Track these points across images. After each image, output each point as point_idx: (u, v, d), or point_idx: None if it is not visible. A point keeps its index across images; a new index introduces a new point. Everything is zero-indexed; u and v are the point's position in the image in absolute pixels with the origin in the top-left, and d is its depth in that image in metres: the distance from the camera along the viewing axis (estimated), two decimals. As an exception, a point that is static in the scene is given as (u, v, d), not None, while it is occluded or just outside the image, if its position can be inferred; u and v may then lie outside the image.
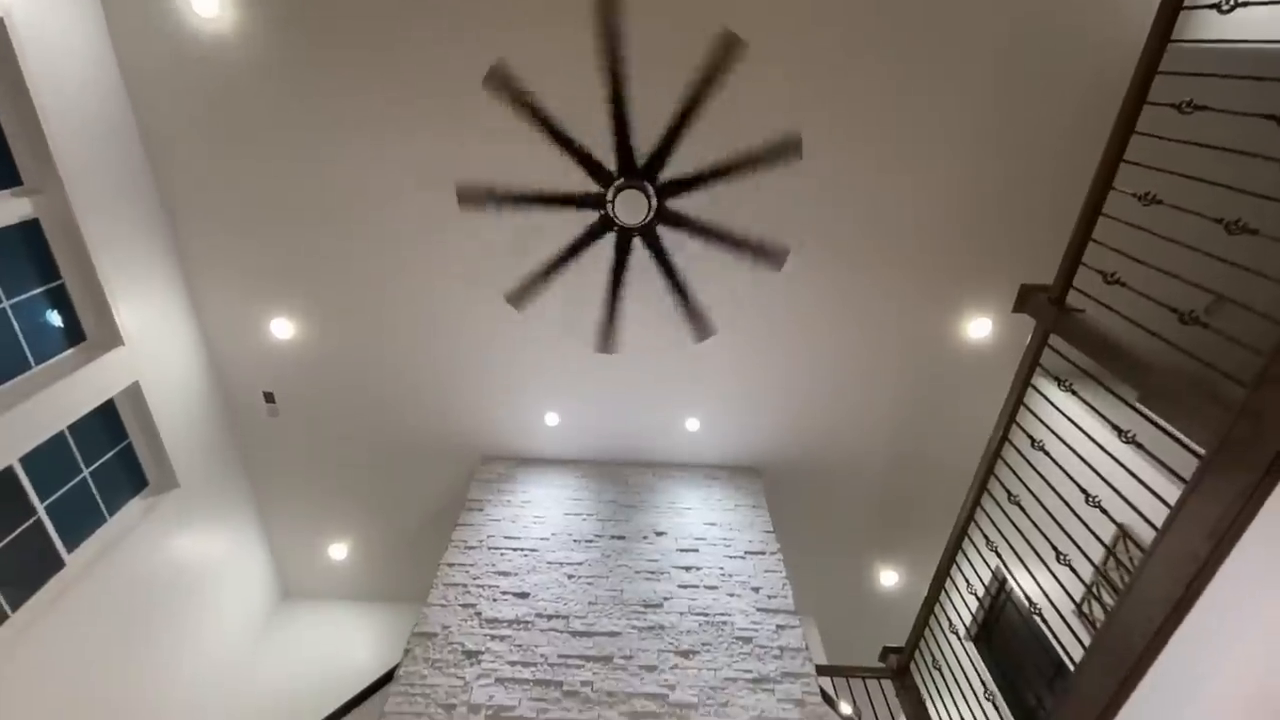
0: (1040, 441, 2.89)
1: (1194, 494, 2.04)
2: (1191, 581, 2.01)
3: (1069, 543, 2.74)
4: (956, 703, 3.52)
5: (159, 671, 4.38)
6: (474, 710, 3.11)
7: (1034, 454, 3.02)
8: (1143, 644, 2.14)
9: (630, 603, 3.76)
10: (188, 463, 4.45)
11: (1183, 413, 2.17)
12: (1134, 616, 2.19)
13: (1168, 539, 2.10)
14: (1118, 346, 2.48)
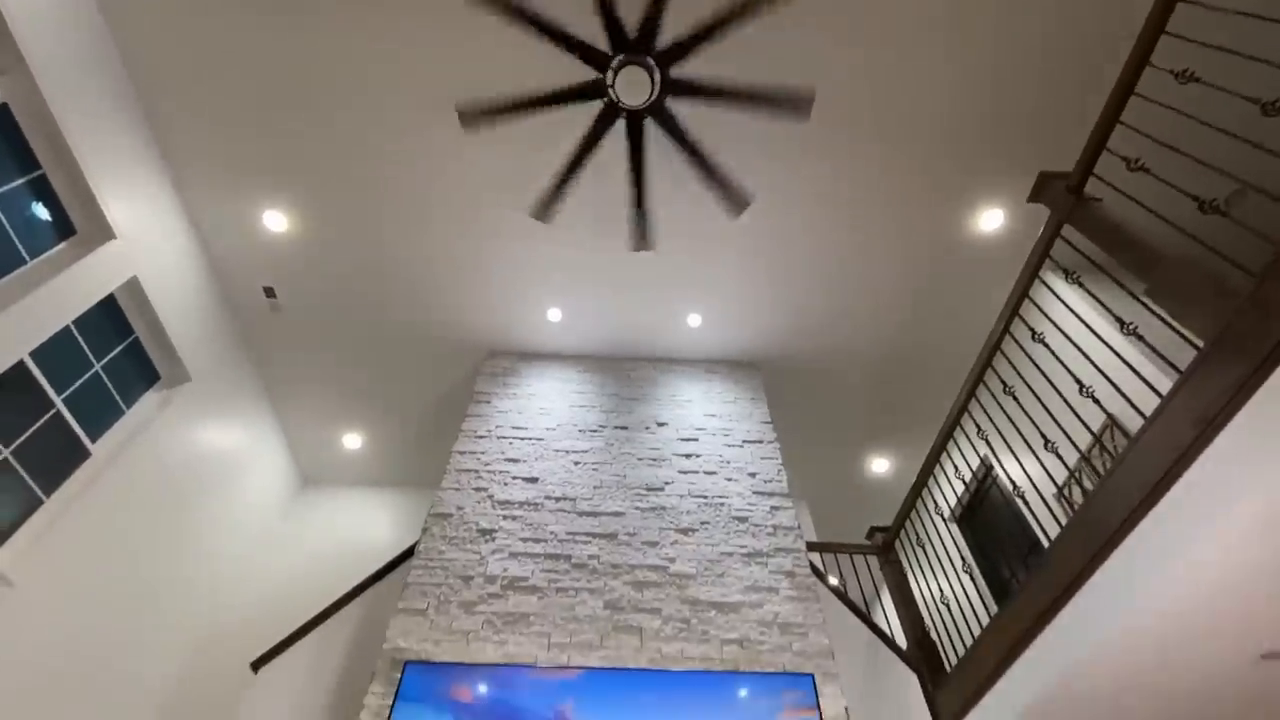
0: (1041, 334, 2.91)
1: (1186, 384, 2.08)
2: (1171, 467, 2.10)
3: (1058, 432, 2.84)
4: (936, 576, 3.81)
5: (191, 553, 4.71)
6: (490, 580, 3.38)
7: (1033, 347, 3.06)
8: (1116, 523, 2.27)
9: (633, 486, 3.96)
10: (197, 357, 4.52)
11: (1188, 304, 2.17)
12: (1112, 498, 2.32)
13: (1154, 426, 2.17)
14: (1131, 237, 2.43)
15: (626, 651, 3.10)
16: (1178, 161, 2.40)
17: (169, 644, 4.47)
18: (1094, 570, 2.39)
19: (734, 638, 3.19)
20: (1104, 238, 2.53)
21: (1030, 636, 2.66)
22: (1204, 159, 2.29)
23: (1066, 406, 2.77)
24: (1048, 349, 2.89)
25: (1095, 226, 2.57)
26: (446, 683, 2.83)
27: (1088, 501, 2.43)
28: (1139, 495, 2.19)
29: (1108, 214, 2.60)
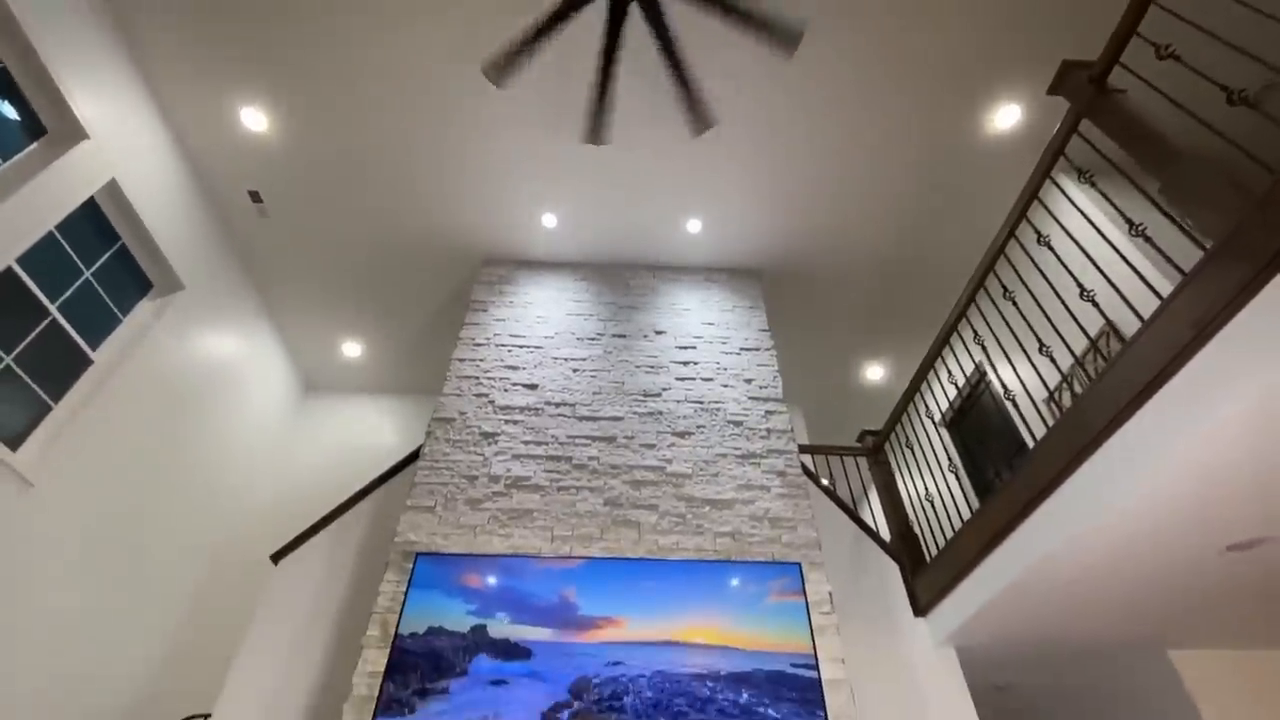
0: (1047, 237, 2.85)
1: (1190, 285, 2.06)
2: (1163, 369, 2.12)
3: (1054, 337, 2.85)
4: (923, 476, 3.96)
5: (202, 456, 4.87)
6: (494, 480, 3.51)
7: (1038, 250, 3.00)
8: (1102, 423, 2.33)
9: (631, 392, 4.03)
10: (187, 265, 4.46)
11: (1201, 202, 2.10)
12: (1100, 400, 2.36)
13: (1152, 328, 2.17)
14: (1151, 131, 2.32)
15: (625, 543, 3.28)
16: (1211, 51, 2.25)
17: (190, 540, 4.72)
18: (1074, 469, 2.47)
19: (726, 531, 3.36)
20: (1122, 133, 2.41)
21: (1008, 530, 2.81)
22: (1240, 45, 2.15)
23: (1065, 311, 2.76)
24: (1052, 252, 2.84)
25: (1115, 120, 2.45)
26: (456, 571, 3.01)
27: (1076, 403, 2.48)
28: (1127, 396, 2.23)
29: (1129, 106, 2.46)
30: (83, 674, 3.81)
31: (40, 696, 3.54)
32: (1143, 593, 2.89)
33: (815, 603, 3.05)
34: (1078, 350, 2.87)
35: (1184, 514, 2.38)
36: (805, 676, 2.74)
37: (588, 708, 2.61)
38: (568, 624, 2.87)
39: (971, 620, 3.08)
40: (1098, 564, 2.67)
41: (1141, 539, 2.51)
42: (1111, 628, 3.22)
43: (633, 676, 2.70)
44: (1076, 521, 2.46)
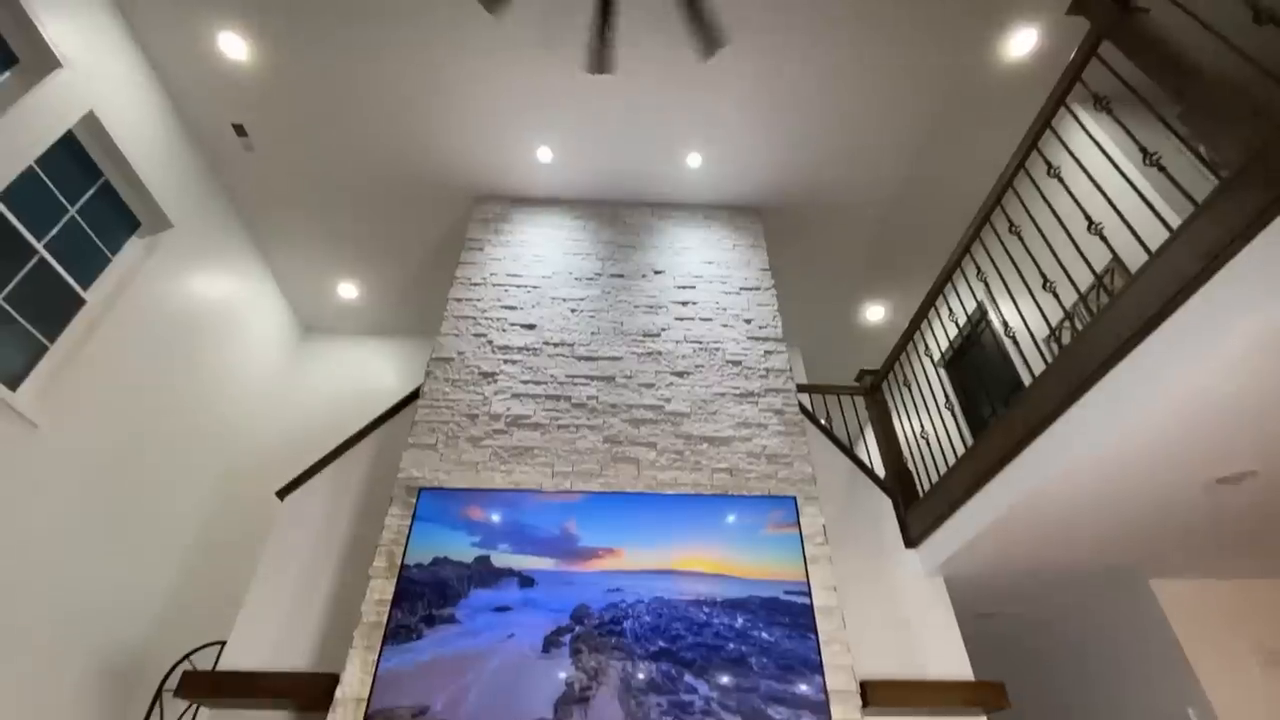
0: (1057, 168, 2.76)
1: (1202, 214, 2.01)
2: (1168, 301, 2.10)
3: (1059, 272, 2.81)
4: (919, 415, 3.99)
5: (203, 396, 4.89)
6: (495, 418, 3.54)
7: (1047, 183, 2.93)
8: (1102, 358, 2.32)
9: (630, 333, 4.01)
10: (174, 202, 4.36)
11: (1221, 128, 2.02)
12: (1101, 333, 2.34)
13: (1160, 260, 2.13)
14: (1173, 53, 2.21)
15: (624, 479, 3.33)
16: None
17: (196, 477, 4.80)
18: (1071, 404, 2.49)
19: (724, 467, 3.41)
20: (1143, 55, 2.30)
21: (1001, 465, 2.85)
22: (1276, -45, 2.02)
23: (1072, 246, 2.71)
24: (1062, 184, 2.76)
25: (1136, 42, 2.33)
26: (458, 505, 3.08)
27: (1077, 338, 2.46)
28: (1129, 330, 2.21)
29: (1151, 27, 2.34)
30: (97, 609, 3.95)
31: (57, 630, 3.68)
32: (1129, 525, 2.97)
33: (809, 534, 3.13)
34: (1083, 286, 2.84)
35: (1176, 448, 2.41)
36: (798, 603, 2.84)
37: (589, 631, 2.72)
38: (569, 554, 2.95)
39: (960, 551, 3.18)
40: (1088, 497, 2.73)
41: (1133, 472, 2.55)
42: (1095, 558, 3.32)
43: (632, 603, 2.80)
44: (1069, 456, 2.49)
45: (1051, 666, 4.25)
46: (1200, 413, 2.23)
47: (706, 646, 2.69)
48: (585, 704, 2.53)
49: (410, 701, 2.52)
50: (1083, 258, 2.70)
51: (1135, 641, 3.63)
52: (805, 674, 2.65)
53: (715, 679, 2.62)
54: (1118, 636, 3.76)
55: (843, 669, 2.76)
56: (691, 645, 2.70)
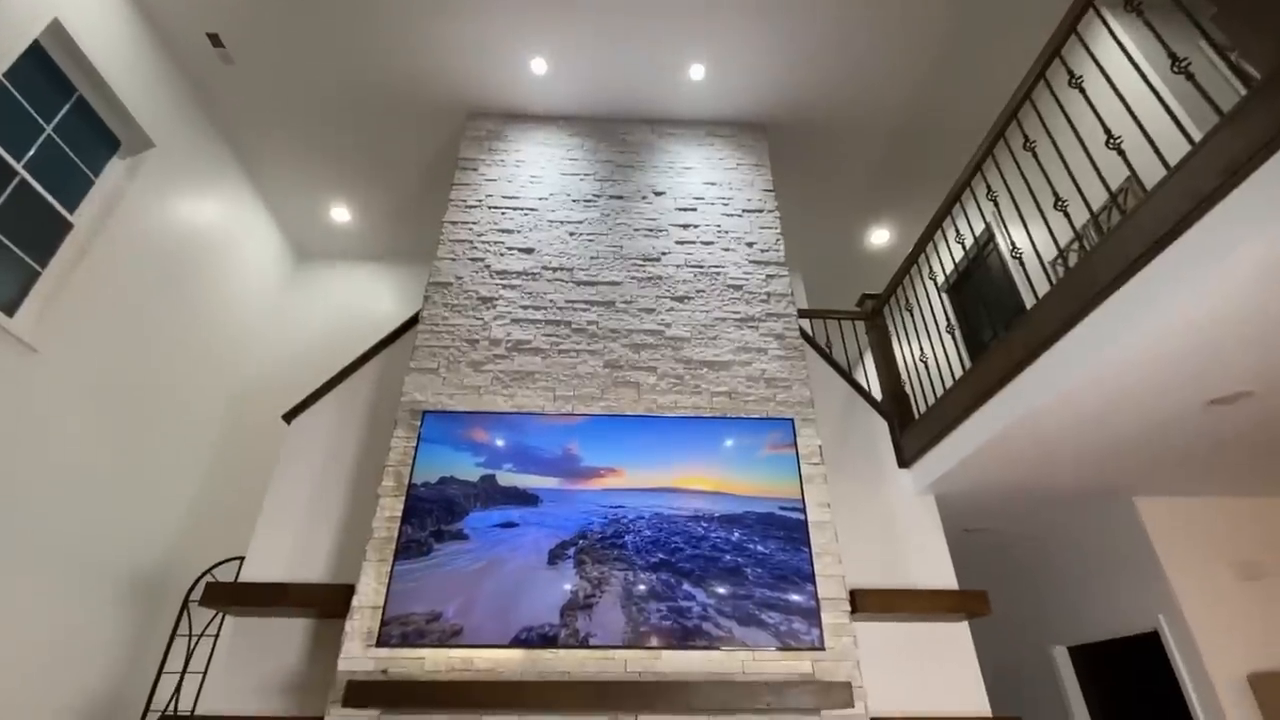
0: (1080, 78, 2.62)
1: (1226, 126, 1.92)
2: (1181, 219, 2.04)
3: (1073, 190, 2.72)
4: (919, 339, 3.99)
5: (200, 322, 4.88)
6: (495, 343, 3.54)
7: (1067, 94, 2.79)
8: (1109, 278, 2.29)
9: (630, 257, 3.95)
10: (154, 119, 4.18)
11: (1254, 29, 1.90)
12: (1110, 253, 2.30)
13: (1178, 175, 2.06)
14: (1216, -54, 2.05)
15: (625, 402, 3.38)
16: None
17: (201, 402, 4.87)
18: (1074, 325, 2.47)
19: (723, 391, 3.45)
20: (1184, -53, 2.13)
21: (999, 386, 2.87)
22: None
23: (1088, 162, 2.61)
24: (1083, 95, 2.63)
25: (1177, -67, 2.15)
26: (462, 427, 3.13)
27: (1086, 258, 2.42)
28: (1138, 250, 2.17)
29: (1196, -84, 2.15)
30: (118, 529, 4.11)
31: (81, 548, 3.84)
32: (1120, 445, 3.03)
33: (805, 454, 3.20)
34: (1096, 206, 2.76)
35: (1175, 369, 2.42)
36: (793, 518, 2.94)
37: (592, 544, 2.84)
38: (571, 474, 3.03)
39: (952, 470, 3.26)
40: (1082, 417, 2.77)
41: (1129, 393, 2.58)
42: (1084, 477, 3.42)
43: (633, 518, 2.90)
44: (1067, 378, 2.51)
45: (1032, 577, 4.47)
46: (1203, 333, 2.22)
47: (704, 558, 2.82)
48: (589, 610, 2.68)
49: (423, 608, 2.67)
50: (1098, 175, 2.60)
51: (1114, 555, 3.80)
52: (798, 583, 2.79)
53: (712, 588, 2.76)
54: (1098, 550, 3.93)
55: (833, 579, 2.90)
56: (690, 557, 2.82)
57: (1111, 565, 3.82)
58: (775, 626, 2.69)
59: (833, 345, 4.42)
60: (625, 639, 2.64)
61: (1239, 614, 3.36)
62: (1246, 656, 3.25)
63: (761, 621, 2.69)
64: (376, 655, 2.63)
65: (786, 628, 2.69)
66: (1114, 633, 3.77)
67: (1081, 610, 4.05)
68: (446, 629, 2.63)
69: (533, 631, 2.63)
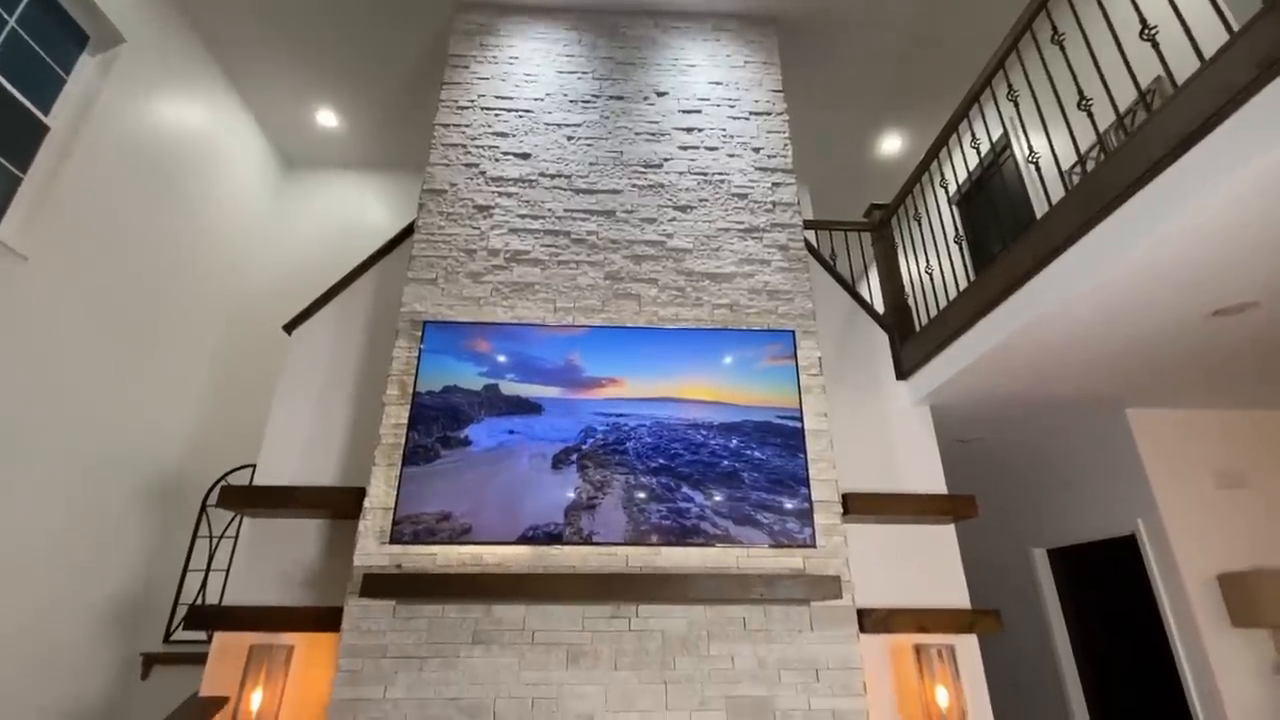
0: (1119, -40, 2.41)
1: (1269, 13, 1.79)
2: (1209, 118, 1.94)
3: (1099, 90, 2.57)
4: (925, 251, 3.92)
5: (190, 231, 4.78)
6: (493, 254, 3.48)
7: (1103, -20, 2.57)
8: (1128, 180, 2.21)
9: (631, 163, 3.80)
10: (121, 11, 3.91)
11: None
12: (1131, 155, 2.21)
13: (1211, 69, 1.94)
14: None
15: (626, 315, 3.36)
16: None
17: (200, 312, 4.87)
18: (1085, 233, 2.42)
19: (725, 303, 3.42)
20: None
21: (1002, 297, 2.85)
22: None
23: (1119, 55, 2.45)
24: (1121, -20, 2.43)
25: None
26: (464, 338, 3.14)
27: (1105, 161, 2.32)
28: (1161, 151, 2.08)
29: None
30: (130, 439, 4.21)
31: (96, 458, 3.95)
32: (1119, 356, 3.04)
33: (805, 366, 3.23)
34: (1122, 103, 2.62)
35: (1182, 277, 2.39)
36: (790, 426, 3.01)
37: (594, 451, 2.92)
38: (573, 383, 3.07)
39: (949, 382, 3.30)
40: (1083, 328, 2.76)
41: (1133, 303, 2.56)
42: (1079, 388, 3.46)
43: (633, 426, 2.97)
44: (1073, 286, 2.48)
45: (1018, 485, 4.64)
46: (1216, 241, 2.17)
47: (703, 463, 2.90)
48: (592, 510, 2.79)
49: (433, 509, 2.78)
50: (1128, 70, 2.45)
51: (1100, 463, 3.92)
52: (793, 487, 2.88)
53: (710, 491, 2.86)
54: (1085, 459, 4.04)
55: (827, 483, 3.00)
56: (689, 462, 2.90)
57: (1097, 473, 3.95)
58: (769, 526, 2.81)
59: (837, 258, 4.33)
60: (627, 537, 2.77)
61: (1215, 520, 3.51)
62: (1218, 559, 3.42)
63: (757, 522, 2.81)
64: (390, 551, 2.77)
65: (780, 527, 2.81)
66: (1093, 536, 3.95)
67: (1063, 516, 4.22)
68: (456, 527, 2.75)
69: (538, 530, 2.75)
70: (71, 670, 3.74)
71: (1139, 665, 3.81)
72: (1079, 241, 2.43)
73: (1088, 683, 4.10)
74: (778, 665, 2.69)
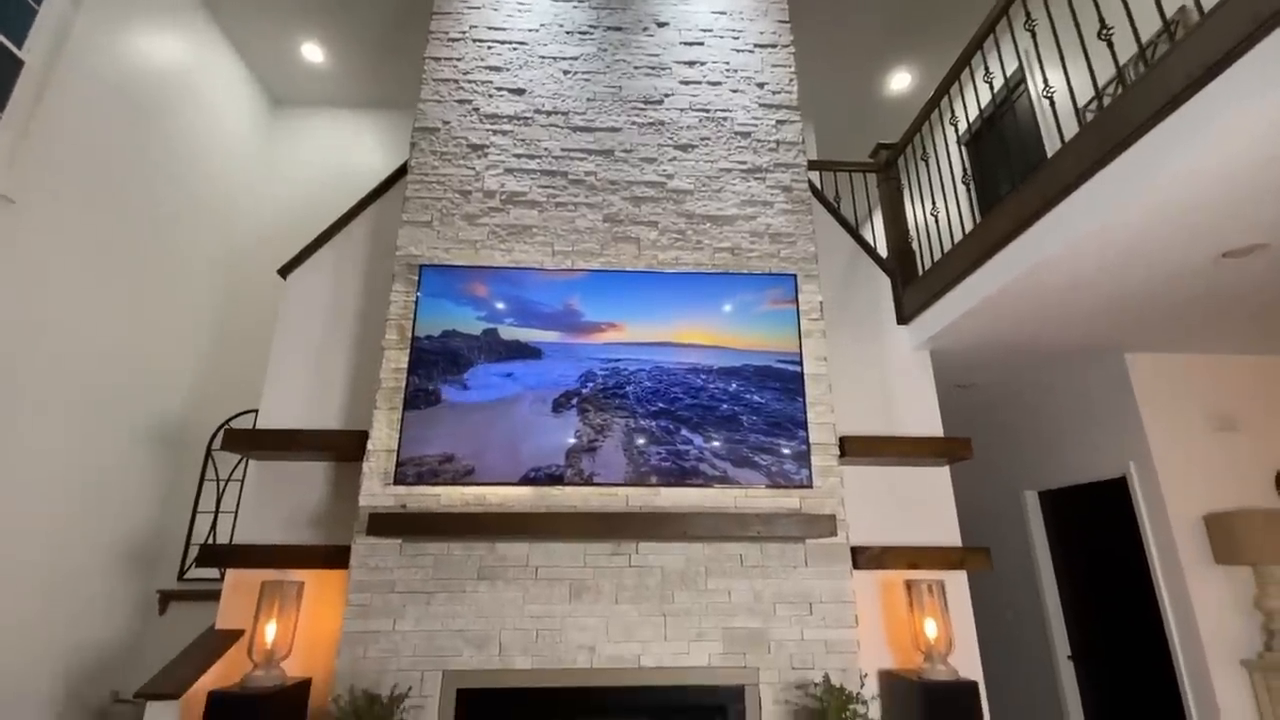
0: None
1: (1315, -73, 1.68)
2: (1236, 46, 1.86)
3: (1122, 18, 2.45)
4: (932, 193, 3.83)
5: (175, 174, 4.66)
6: (489, 195, 3.40)
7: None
8: (1145, 115, 2.13)
9: (630, 99, 3.66)
10: (88, -67, 3.68)
11: None
12: (1149, 88, 2.12)
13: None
14: None
15: (625, 258, 3.31)
16: None
17: (194, 255, 4.80)
18: (1096, 171, 2.35)
19: (726, 246, 3.37)
20: None
21: (1010, 238, 2.80)
22: None
23: (1144, -20, 2.32)
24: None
25: None
26: (461, 282, 3.10)
27: (1123, 93, 2.24)
28: (1181, 83, 2.00)
29: None
30: (132, 383, 4.21)
31: (99, 401, 3.96)
32: (1123, 299, 3.02)
33: (806, 310, 3.21)
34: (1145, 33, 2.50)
35: (1194, 218, 2.34)
36: (789, 370, 3.01)
37: (594, 395, 2.93)
38: (572, 328, 3.05)
39: (950, 326, 3.28)
40: (1089, 270, 2.73)
41: (1141, 245, 2.52)
42: (1080, 333, 3.45)
43: (633, 371, 2.97)
44: (1081, 228, 2.43)
45: (1013, 429, 4.69)
46: (1232, 180, 2.12)
47: (702, 407, 2.92)
48: (593, 453, 2.83)
49: (435, 451, 2.81)
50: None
51: (1096, 407, 3.95)
52: (791, 430, 2.91)
53: (709, 433, 2.89)
54: (1081, 403, 4.07)
55: (825, 426, 3.02)
56: (688, 406, 2.92)
57: (1092, 417, 3.98)
58: (767, 468, 2.85)
59: (841, 200, 4.24)
60: (627, 478, 2.81)
61: (1206, 462, 3.56)
62: (1205, 500, 3.49)
63: (755, 463, 2.85)
64: (395, 492, 2.82)
65: (778, 469, 2.85)
66: (1084, 478, 4.03)
67: (1056, 459, 4.29)
68: (459, 469, 2.79)
69: (540, 471, 2.79)
70: (93, 608, 3.88)
71: (1121, 602, 3.95)
72: (1091, 179, 2.37)
73: (1070, 618, 4.26)
74: (773, 599, 2.79)
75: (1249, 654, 3.22)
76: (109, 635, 3.99)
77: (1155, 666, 3.57)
